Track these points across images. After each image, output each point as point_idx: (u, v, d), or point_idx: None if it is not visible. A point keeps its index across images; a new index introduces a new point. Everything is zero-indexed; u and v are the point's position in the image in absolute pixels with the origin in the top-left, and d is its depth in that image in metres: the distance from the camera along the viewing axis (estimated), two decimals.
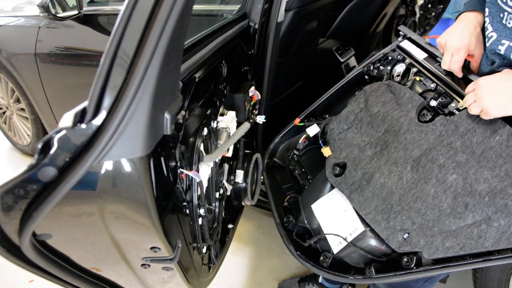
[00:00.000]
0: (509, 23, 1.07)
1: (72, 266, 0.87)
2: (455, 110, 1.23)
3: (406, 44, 1.48)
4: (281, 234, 1.48)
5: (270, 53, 1.58)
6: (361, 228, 1.27)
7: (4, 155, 2.83)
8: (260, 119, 1.57)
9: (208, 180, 1.20)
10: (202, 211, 1.09)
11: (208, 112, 1.19)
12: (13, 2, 2.44)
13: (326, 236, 1.34)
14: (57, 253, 0.83)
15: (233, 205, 1.61)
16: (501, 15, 1.09)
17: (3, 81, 2.45)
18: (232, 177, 1.49)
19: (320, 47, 2.46)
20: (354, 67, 2.59)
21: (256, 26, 1.51)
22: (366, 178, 1.31)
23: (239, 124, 1.42)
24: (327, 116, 1.68)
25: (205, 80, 1.12)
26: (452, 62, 1.21)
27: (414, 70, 1.42)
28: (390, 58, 1.52)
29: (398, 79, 1.48)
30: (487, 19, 1.15)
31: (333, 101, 1.69)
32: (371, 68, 1.58)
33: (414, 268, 1.14)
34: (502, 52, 1.09)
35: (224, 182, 1.45)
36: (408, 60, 1.45)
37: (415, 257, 1.15)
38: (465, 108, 1.16)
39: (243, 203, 1.57)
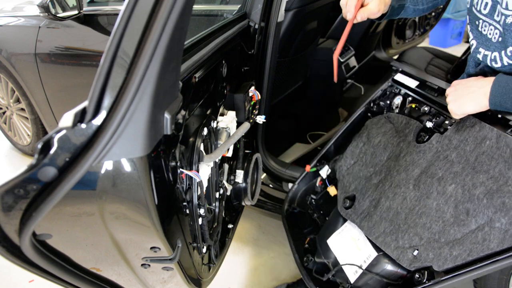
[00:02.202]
0: (484, 30, 1.14)
1: (72, 266, 0.87)
2: (449, 127, 1.27)
3: (399, 77, 1.58)
4: (302, 273, 1.52)
5: (270, 53, 1.58)
6: (374, 253, 1.29)
7: (4, 155, 2.83)
8: (260, 119, 1.57)
9: (208, 180, 1.20)
10: (202, 211, 1.09)
11: (208, 112, 1.19)
12: (13, 2, 2.44)
13: (343, 267, 1.37)
14: (57, 253, 0.83)
15: (233, 205, 1.61)
16: (477, 22, 1.16)
17: (3, 81, 2.45)
18: (232, 177, 1.49)
19: (320, 47, 2.46)
20: (354, 67, 2.60)
21: (256, 26, 1.51)
22: (374, 204, 1.35)
23: (239, 124, 1.42)
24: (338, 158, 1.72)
25: (205, 80, 1.12)
26: (348, 5, 1.13)
27: (410, 98, 1.49)
28: (388, 93, 1.61)
29: (397, 110, 1.55)
30: (468, 27, 1.21)
31: (341, 143, 1.74)
32: (372, 105, 1.66)
33: (427, 282, 1.15)
34: (480, 59, 1.18)
35: (224, 182, 1.45)
36: (403, 91, 1.53)
37: (426, 272, 1.16)
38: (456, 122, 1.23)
39: (243, 203, 1.57)
